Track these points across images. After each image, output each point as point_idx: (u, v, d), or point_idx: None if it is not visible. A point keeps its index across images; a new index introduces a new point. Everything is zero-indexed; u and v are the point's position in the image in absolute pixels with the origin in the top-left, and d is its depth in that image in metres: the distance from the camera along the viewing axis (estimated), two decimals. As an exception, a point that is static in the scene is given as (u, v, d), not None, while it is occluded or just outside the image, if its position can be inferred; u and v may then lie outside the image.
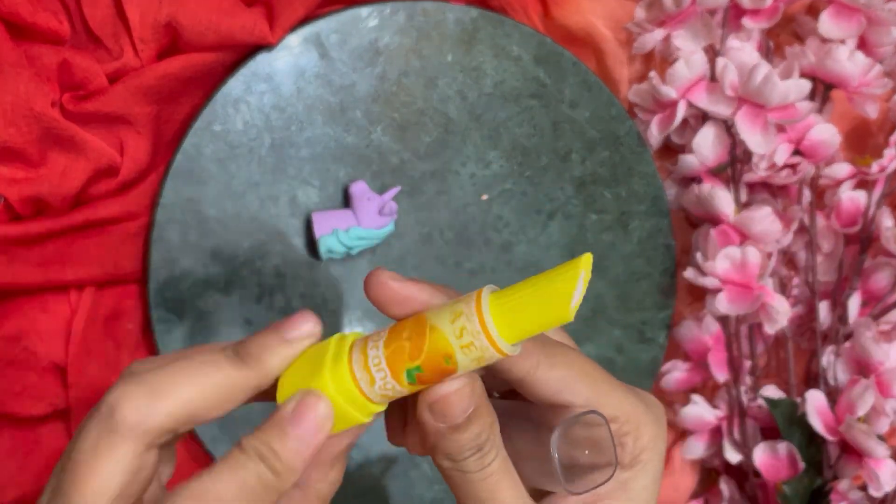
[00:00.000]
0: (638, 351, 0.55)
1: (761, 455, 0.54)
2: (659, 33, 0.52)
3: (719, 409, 0.56)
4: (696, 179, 0.53)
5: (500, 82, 0.51)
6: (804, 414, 0.53)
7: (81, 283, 0.46)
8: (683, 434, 0.58)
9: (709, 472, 0.59)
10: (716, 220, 0.53)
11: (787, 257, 0.56)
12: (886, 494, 0.52)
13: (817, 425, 0.53)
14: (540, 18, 0.53)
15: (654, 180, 0.54)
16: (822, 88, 0.53)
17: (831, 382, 0.54)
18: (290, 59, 0.47)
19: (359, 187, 0.49)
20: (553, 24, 0.53)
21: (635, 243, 0.55)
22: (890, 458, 0.51)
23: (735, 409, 0.55)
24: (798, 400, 0.54)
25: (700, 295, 0.57)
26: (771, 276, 0.54)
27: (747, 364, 0.56)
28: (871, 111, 0.53)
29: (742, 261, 0.51)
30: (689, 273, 0.52)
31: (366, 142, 0.50)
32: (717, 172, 0.54)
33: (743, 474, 0.56)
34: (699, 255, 0.53)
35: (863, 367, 0.53)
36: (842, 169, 0.55)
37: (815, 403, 0.53)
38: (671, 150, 0.56)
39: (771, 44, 0.54)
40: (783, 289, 0.56)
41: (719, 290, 0.51)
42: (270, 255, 0.49)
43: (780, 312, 0.51)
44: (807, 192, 0.55)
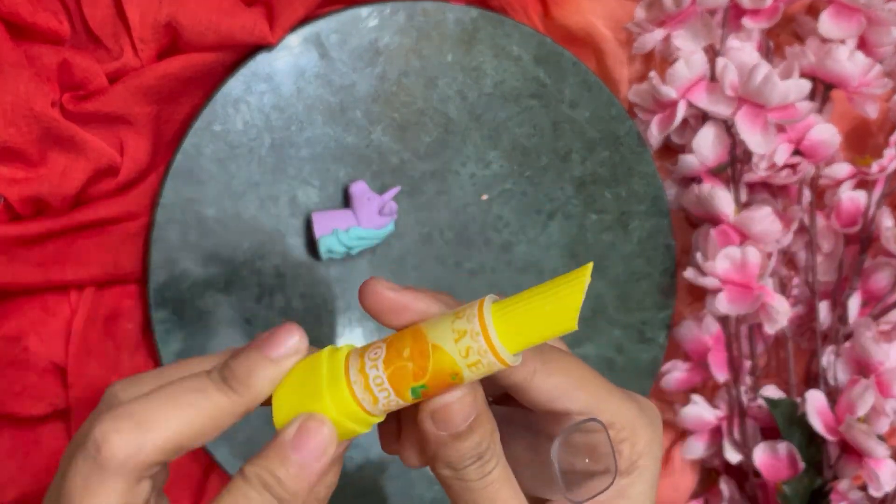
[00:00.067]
0: (638, 351, 0.55)
1: (761, 455, 0.54)
2: (659, 33, 0.52)
3: (719, 409, 0.56)
4: (696, 179, 0.53)
5: (500, 82, 0.51)
6: (804, 414, 0.53)
7: (81, 283, 0.46)
8: (683, 434, 0.58)
9: (709, 472, 0.59)
10: (716, 220, 0.53)
11: (787, 257, 0.56)
12: (886, 494, 0.52)
13: (817, 425, 0.53)
14: (540, 18, 0.53)
15: (654, 180, 0.54)
16: (822, 88, 0.53)
17: (831, 382, 0.54)
18: (290, 59, 0.47)
19: (359, 187, 0.49)
20: (553, 24, 0.53)
21: (635, 243, 0.55)
22: (890, 458, 0.51)
23: (735, 409, 0.55)
24: (798, 400, 0.54)
25: (700, 295, 0.57)
26: (771, 276, 0.54)
27: (747, 364, 0.56)
28: (871, 111, 0.53)
29: (742, 261, 0.51)
30: (689, 273, 0.52)
31: (366, 142, 0.50)
32: (717, 172, 0.54)
33: (743, 474, 0.56)
34: (699, 255, 0.53)
35: (863, 367, 0.53)
36: (842, 169, 0.55)
37: (815, 403, 0.53)
38: (671, 150, 0.56)
39: (771, 44, 0.54)
40: (783, 289, 0.56)
41: (719, 290, 0.51)
42: (270, 255, 0.49)
43: (780, 312, 0.51)
44: (807, 192, 0.55)
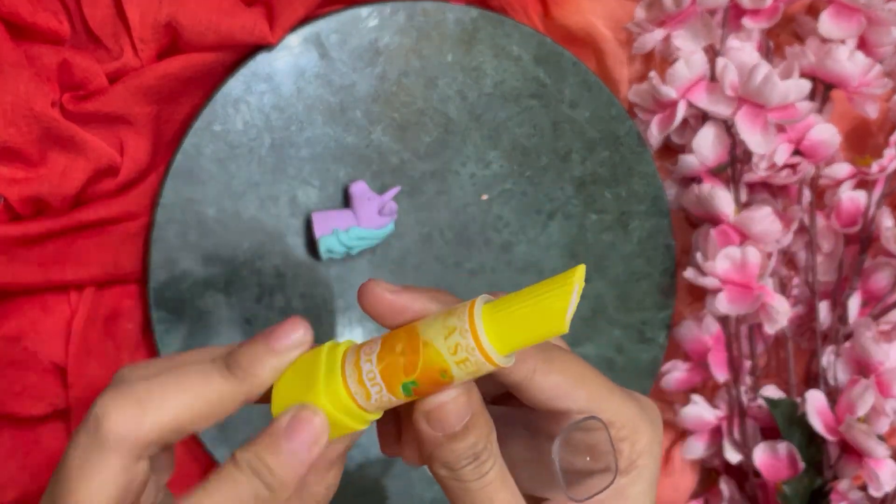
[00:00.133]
0: (638, 351, 0.55)
1: (761, 455, 0.54)
2: (659, 33, 0.52)
3: (719, 409, 0.56)
4: (696, 179, 0.53)
5: (500, 82, 0.51)
6: (804, 414, 0.53)
7: (81, 283, 0.46)
8: (683, 434, 0.58)
9: (709, 472, 0.59)
10: (716, 220, 0.53)
11: (787, 257, 0.56)
12: (886, 494, 0.52)
13: (817, 425, 0.53)
14: (540, 18, 0.53)
15: (654, 180, 0.54)
16: (822, 88, 0.53)
17: (831, 382, 0.54)
18: (290, 59, 0.47)
19: (359, 187, 0.49)
20: (553, 24, 0.53)
21: (635, 243, 0.55)
22: (890, 458, 0.51)
23: (735, 409, 0.55)
24: (798, 400, 0.54)
25: (700, 295, 0.57)
26: (771, 276, 0.54)
27: (747, 364, 0.56)
28: (871, 111, 0.53)
29: (742, 261, 0.51)
30: (689, 273, 0.52)
31: (366, 142, 0.50)
32: (717, 172, 0.54)
33: (743, 474, 0.56)
34: (699, 255, 0.53)
35: (863, 367, 0.53)
36: (842, 169, 0.55)
37: (815, 403, 0.53)
38: (671, 150, 0.56)
39: (771, 44, 0.54)
40: (783, 289, 0.56)
41: (719, 290, 0.51)
42: (270, 255, 0.49)
43: (780, 312, 0.51)
44: (807, 192, 0.55)
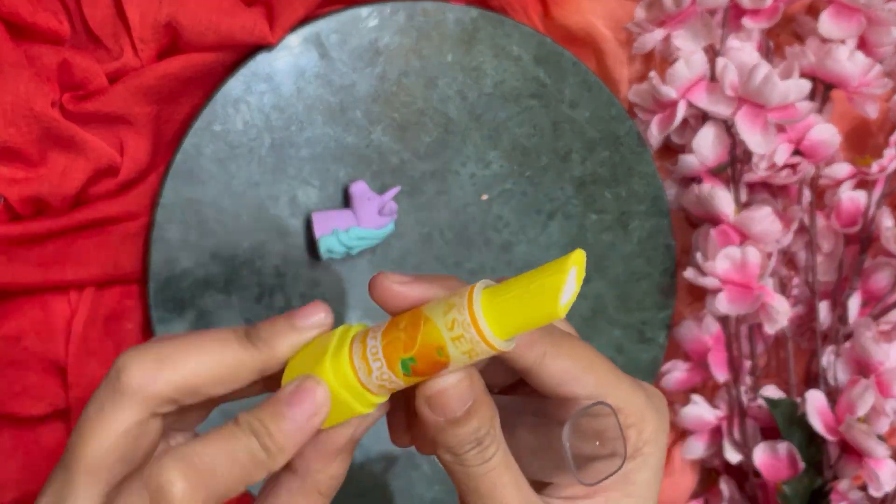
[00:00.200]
0: (638, 351, 0.55)
1: (761, 455, 0.54)
2: (659, 33, 0.52)
3: (719, 409, 0.56)
4: (696, 179, 0.53)
5: (500, 82, 0.51)
6: (804, 414, 0.53)
7: (81, 283, 0.46)
8: (683, 434, 0.58)
9: (709, 472, 0.59)
10: (716, 220, 0.53)
11: (787, 257, 0.56)
12: (886, 494, 0.52)
13: (817, 425, 0.53)
14: (540, 18, 0.53)
15: (654, 180, 0.54)
16: (822, 88, 0.53)
17: (831, 382, 0.54)
18: (290, 59, 0.47)
19: (359, 187, 0.49)
20: (553, 24, 0.53)
21: (635, 243, 0.55)
22: (890, 458, 0.51)
23: (735, 409, 0.55)
24: (798, 400, 0.54)
25: (700, 295, 0.57)
26: (771, 276, 0.54)
27: (747, 364, 0.56)
28: (871, 111, 0.53)
29: (742, 261, 0.51)
30: (689, 273, 0.52)
31: (366, 142, 0.50)
32: (717, 172, 0.54)
33: (743, 474, 0.56)
34: (699, 255, 0.53)
35: (863, 367, 0.53)
36: (842, 169, 0.55)
37: (815, 403, 0.53)
38: (671, 150, 0.56)
39: (771, 44, 0.54)
40: (783, 289, 0.56)
41: (719, 290, 0.51)
42: (270, 255, 0.49)
43: (780, 312, 0.51)
44: (807, 192, 0.55)
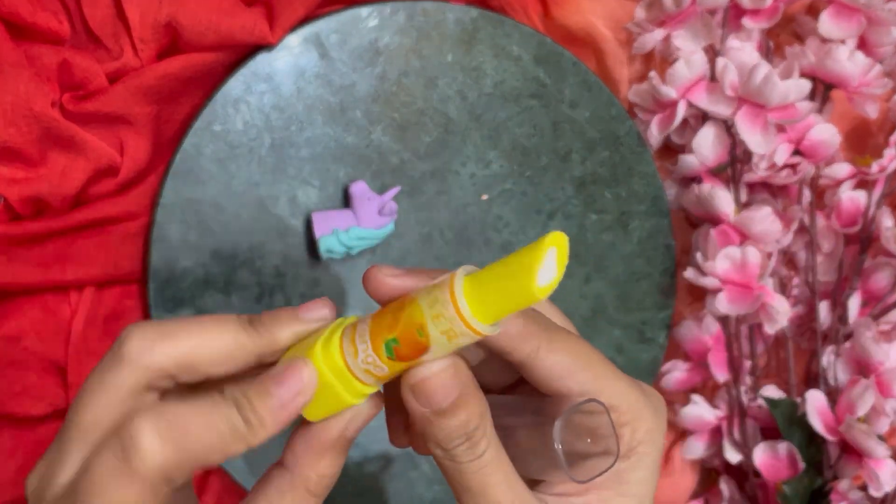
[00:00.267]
0: (638, 351, 0.55)
1: (761, 455, 0.54)
2: (659, 33, 0.52)
3: (719, 409, 0.56)
4: (696, 179, 0.53)
5: (500, 82, 0.51)
6: (804, 414, 0.53)
7: (81, 283, 0.46)
8: (683, 434, 0.58)
9: (709, 472, 0.59)
10: (716, 220, 0.53)
11: (787, 257, 0.56)
12: (886, 494, 0.52)
13: (817, 425, 0.53)
14: (540, 18, 0.53)
15: (654, 180, 0.54)
16: (822, 88, 0.53)
17: (831, 382, 0.54)
18: (290, 59, 0.47)
19: (359, 187, 0.49)
20: (553, 24, 0.53)
21: (635, 243, 0.55)
22: (890, 458, 0.51)
23: (735, 409, 0.55)
24: (798, 400, 0.54)
25: (700, 295, 0.57)
26: (771, 276, 0.54)
27: (747, 364, 0.56)
28: (871, 111, 0.53)
29: (742, 261, 0.51)
30: (689, 273, 0.52)
31: (366, 142, 0.50)
32: (717, 172, 0.54)
33: (743, 474, 0.56)
34: (699, 255, 0.53)
35: (863, 367, 0.53)
36: (842, 169, 0.55)
37: (815, 403, 0.53)
38: (671, 150, 0.56)
39: (771, 44, 0.54)
40: (783, 289, 0.56)
41: (719, 290, 0.51)
42: (270, 255, 0.49)
43: (780, 312, 0.51)
44: (807, 192, 0.55)
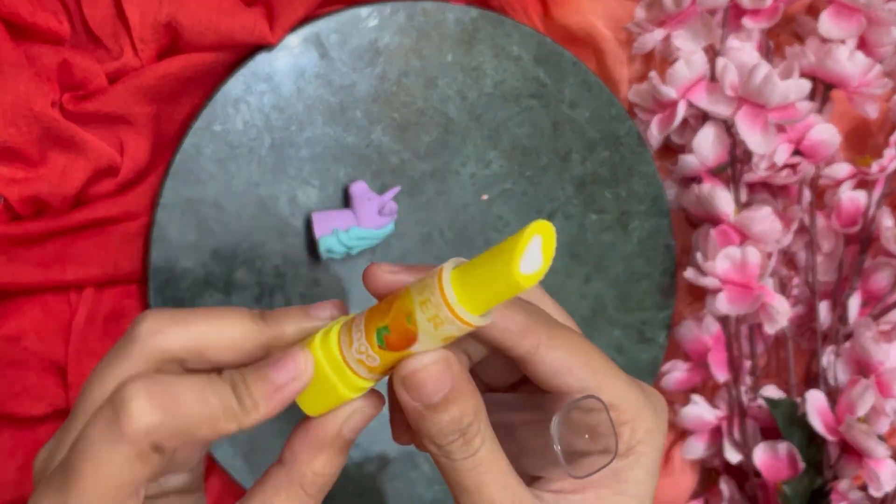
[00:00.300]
0: (638, 351, 0.55)
1: (761, 455, 0.54)
2: (659, 33, 0.52)
3: (719, 409, 0.56)
4: (696, 179, 0.53)
5: (500, 82, 0.51)
6: (804, 414, 0.53)
7: (81, 283, 0.46)
8: (683, 434, 0.58)
9: (709, 472, 0.59)
10: (716, 220, 0.53)
11: (787, 257, 0.56)
12: (886, 494, 0.52)
13: (817, 425, 0.53)
14: (540, 18, 0.53)
15: (654, 180, 0.54)
16: (822, 88, 0.53)
17: (831, 382, 0.54)
18: (290, 59, 0.47)
19: (359, 187, 0.49)
20: (553, 24, 0.53)
21: (635, 243, 0.55)
22: (890, 458, 0.51)
23: (735, 409, 0.55)
24: (798, 400, 0.54)
25: (700, 295, 0.57)
26: (771, 276, 0.54)
27: (747, 364, 0.56)
28: (871, 111, 0.53)
29: (742, 261, 0.51)
30: (689, 273, 0.52)
31: (366, 142, 0.50)
32: (717, 172, 0.54)
33: (743, 474, 0.56)
34: (699, 255, 0.53)
35: (863, 367, 0.53)
36: (842, 169, 0.55)
37: (815, 403, 0.53)
38: (671, 150, 0.56)
39: (771, 44, 0.54)
40: (783, 289, 0.56)
41: (719, 290, 0.51)
42: (270, 255, 0.49)
43: (780, 312, 0.51)
44: (807, 192, 0.55)
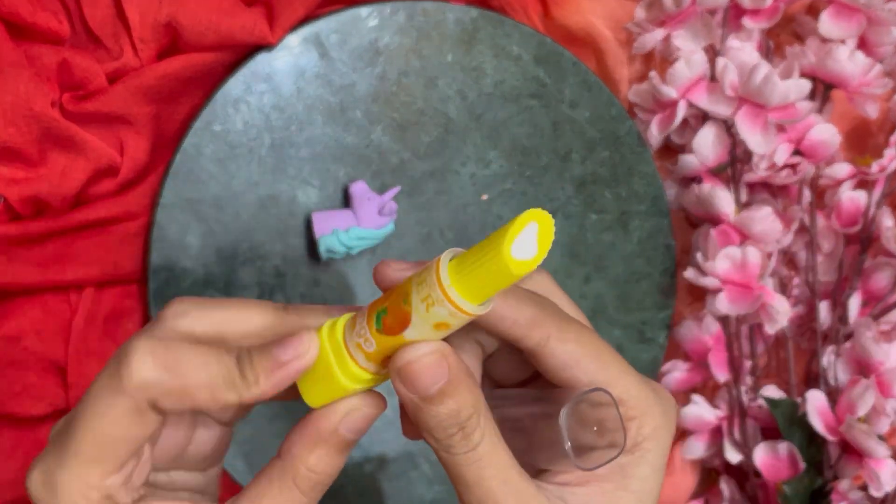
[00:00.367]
0: (638, 351, 0.55)
1: (762, 455, 0.54)
2: (659, 33, 0.52)
3: (719, 409, 0.56)
4: (696, 179, 0.53)
5: (500, 82, 0.51)
6: (804, 414, 0.53)
7: (81, 283, 0.46)
8: (683, 434, 0.58)
9: (709, 472, 0.59)
10: (716, 220, 0.53)
11: (788, 257, 0.56)
12: (887, 494, 0.52)
13: (818, 425, 0.53)
14: (540, 18, 0.53)
15: (654, 180, 0.54)
16: (822, 88, 0.53)
17: (832, 382, 0.54)
18: (290, 59, 0.47)
19: (359, 187, 0.49)
20: (553, 24, 0.53)
21: (635, 243, 0.55)
22: (890, 458, 0.51)
23: (735, 409, 0.55)
24: (798, 400, 0.54)
25: (700, 295, 0.57)
26: (771, 276, 0.54)
27: (747, 364, 0.56)
28: (871, 111, 0.53)
29: (742, 261, 0.51)
30: (690, 273, 0.52)
31: (366, 142, 0.50)
32: (717, 172, 0.54)
33: (743, 474, 0.56)
34: (699, 255, 0.53)
35: (863, 367, 0.53)
36: (842, 169, 0.55)
37: (815, 403, 0.53)
38: (671, 150, 0.56)
39: (771, 44, 0.54)
40: (783, 289, 0.56)
41: (719, 290, 0.51)
42: (270, 255, 0.49)
43: (781, 312, 0.51)
44: (807, 192, 0.55)
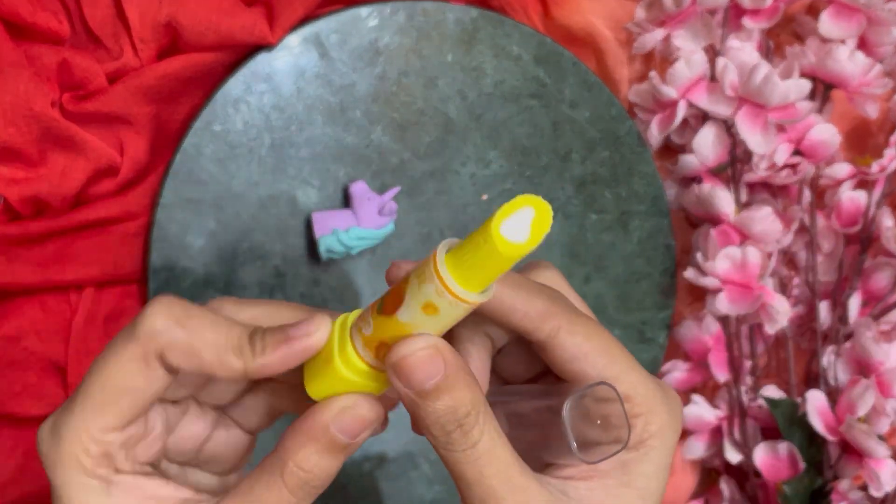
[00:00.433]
0: (638, 351, 0.55)
1: (762, 455, 0.54)
2: (659, 33, 0.52)
3: (720, 409, 0.56)
4: (696, 179, 0.53)
5: (500, 82, 0.51)
6: (805, 414, 0.53)
7: (81, 283, 0.46)
8: (684, 434, 0.58)
9: (709, 472, 0.59)
10: (716, 220, 0.53)
11: (788, 257, 0.56)
12: (887, 494, 0.52)
13: (818, 425, 0.53)
14: (540, 18, 0.53)
15: (654, 180, 0.54)
16: (822, 88, 0.53)
17: (832, 382, 0.54)
18: (290, 59, 0.47)
19: (359, 187, 0.49)
20: (553, 24, 0.53)
21: (635, 243, 0.55)
22: (890, 458, 0.51)
23: (735, 409, 0.55)
24: (798, 400, 0.54)
25: (700, 295, 0.57)
26: (771, 276, 0.54)
27: (747, 364, 0.56)
28: (871, 111, 0.53)
29: (742, 261, 0.51)
30: (690, 273, 0.52)
31: (366, 142, 0.50)
32: (717, 172, 0.54)
33: (743, 474, 0.56)
34: (699, 255, 0.53)
35: (863, 367, 0.53)
36: (842, 169, 0.55)
37: (815, 403, 0.53)
38: (671, 150, 0.56)
39: (771, 44, 0.54)
40: (783, 289, 0.56)
41: (719, 290, 0.51)
42: (270, 255, 0.49)
43: (781, 312, 0.51)
44: (807, 192, 0.55)
